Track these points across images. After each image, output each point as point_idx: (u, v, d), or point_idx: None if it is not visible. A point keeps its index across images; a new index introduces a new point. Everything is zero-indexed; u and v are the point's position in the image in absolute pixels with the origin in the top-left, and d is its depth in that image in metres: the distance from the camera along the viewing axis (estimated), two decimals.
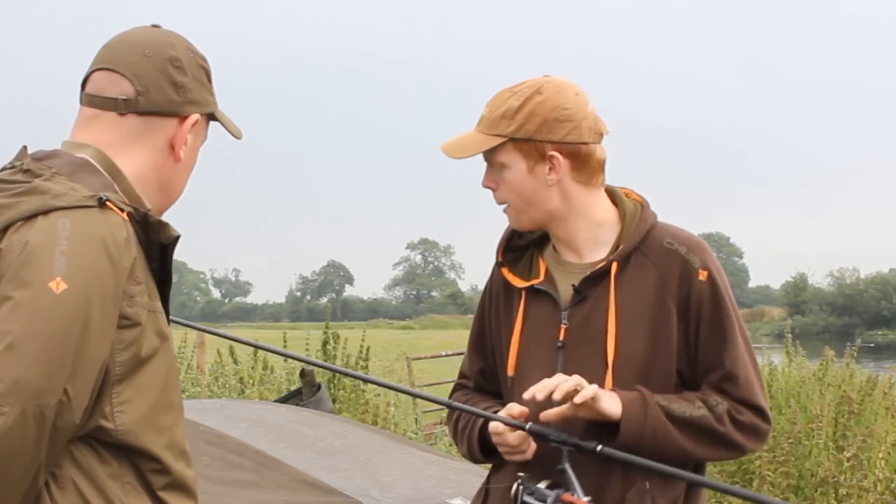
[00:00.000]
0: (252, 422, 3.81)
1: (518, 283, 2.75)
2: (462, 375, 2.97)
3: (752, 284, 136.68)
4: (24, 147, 2.11)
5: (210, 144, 2.35)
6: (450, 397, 2.92)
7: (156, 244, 2.06)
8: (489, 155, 2.66)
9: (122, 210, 2.00)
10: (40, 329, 1.83)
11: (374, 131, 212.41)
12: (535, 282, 2.72)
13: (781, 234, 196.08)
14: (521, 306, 2.73)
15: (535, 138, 2.60)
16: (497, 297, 2.83)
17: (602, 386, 2.57)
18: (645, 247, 2.65)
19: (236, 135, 2.36)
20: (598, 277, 2.64)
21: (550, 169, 2.62)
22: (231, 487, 3.09)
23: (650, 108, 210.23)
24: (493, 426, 2.63)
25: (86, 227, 1.93)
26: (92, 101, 2.15)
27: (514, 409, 2.63)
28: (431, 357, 18.45)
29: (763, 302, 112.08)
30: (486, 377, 2.87)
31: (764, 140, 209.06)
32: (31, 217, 1.92)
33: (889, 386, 10.85)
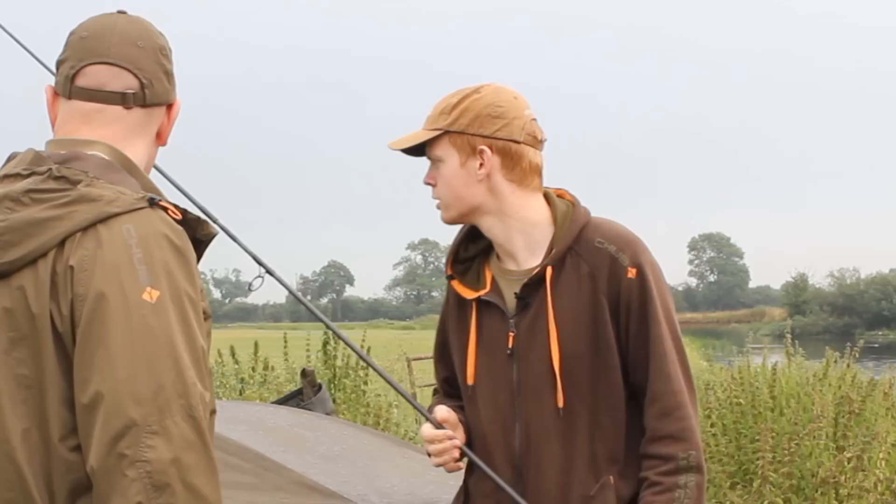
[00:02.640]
0: (252, 424, 3.80)
1: (468, 294, 2.79)
2: (436, 388, 3.06)
3: (752, 285, 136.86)
4: (33, 150, 2.06)
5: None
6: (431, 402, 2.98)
7: (190, 239, 2.05)
8: (428, 150, 2.72)
9: (170, 208, 2.01)
10: (155, 341, 1.84)
11: (372, 133, 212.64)
12: (481, 293, 2.76)
13: (782, 234, 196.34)
14: (473, 317, 2.78)
15: (468, 132, 2.66)
16: (452, 308, 2.88)
17: (554, 392, 2.63)
18: (578, 247, 2.67)
19: None
20: (535, 283, 2.67)
21: (480, 164, 2.67)
22: (230, 490, 3.06)
23: (650, 110, 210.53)
24: (423, 433, 2.75)
25: (148, 228, 1.93)
26: (94, 95, 2.10)
27: (438, 412, 2.75)
28: (432, 357, 18.44)
29: (763, 302, 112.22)
30: (451, 384, 2.93)
31: (765, 142, 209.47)
32: (88, 227, 1.91)
33: (889, 386, 10.85)
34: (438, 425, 2.72)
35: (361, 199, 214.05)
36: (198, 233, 2.08)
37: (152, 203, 1.97)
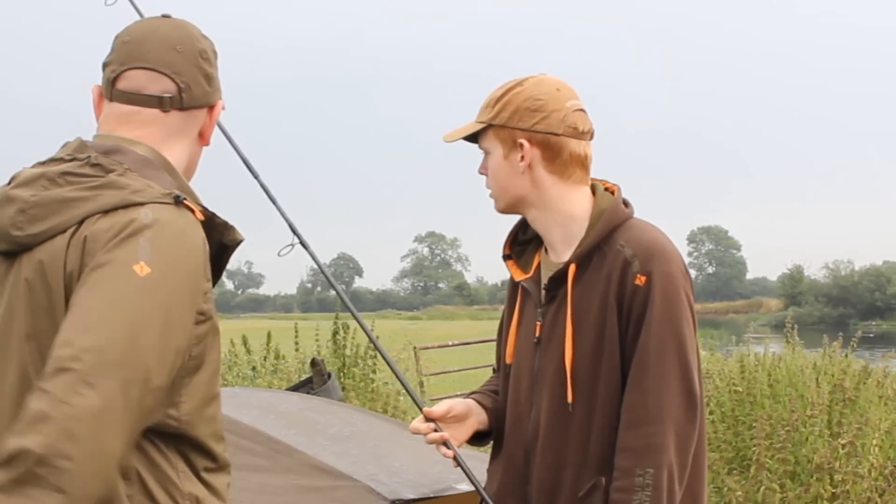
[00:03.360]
0: (264, 409, 3.80)
1: (517, 276, 2.80)
2: None
3: (749, 276, 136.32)
4: (80, 139, 2.09)
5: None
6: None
7: (216, 244, 2.07)
8: (479, 141, 2.73)
9: (195, 209, 2.01)
10: (124, 308, 1.82)
11: (379, 131, 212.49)
12: (524, 277, 2.77)
13: (778, 228, 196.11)
14: (518, 299, 2.80)
15: (508, 125, 2.66)
16: (509, 287, 2.89)
17: (564, 388, 2.60)
18: (606, 247, 2.62)
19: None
20: (561, 278, 2.66)
21: (521, 157, 2.66)
22: (243, 472, 3.08)
23: (651, 110, 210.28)
24: (411, 425, 2.77)
25: (167, 221, 1.93)
26: (132, 98, 2.12)
27: (437, 408, 2.75)
28: (438, 347, 18.41)
29: (761, 293, 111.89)
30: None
31: (762, 139, 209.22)
32: (110, 210, 1.93)
33: (883, 375, 10.84)
34: (427, 420, 2.72)
35: (368, 195, 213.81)
36: (224, 237, 2.09)
37: (177, 201, 1.98)
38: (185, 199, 1.99)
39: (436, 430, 2.71)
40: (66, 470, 1.69)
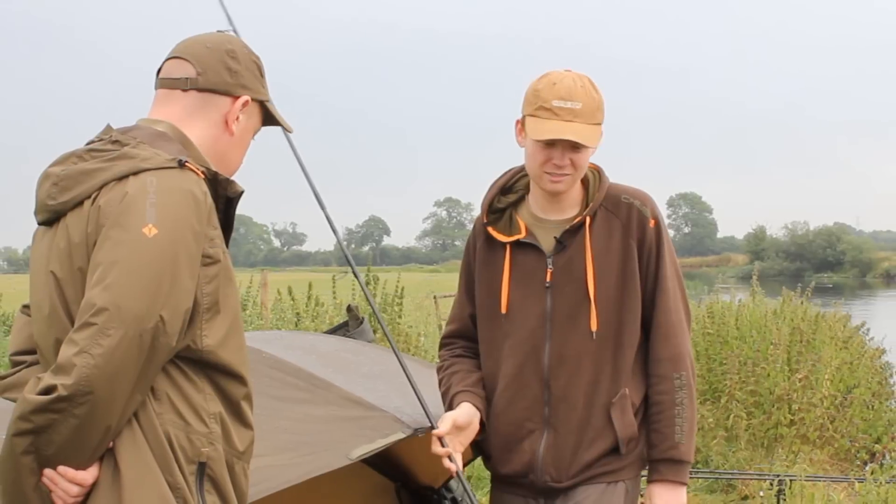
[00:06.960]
0: (306, 349, 3.78)
1: (503, 238, 2.81)
2: (450, 322, 3.02)
3: (720, 235, 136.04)
4: (108, 125, 2.13)
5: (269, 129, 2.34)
6: (440, 349, 3.04)
7: (222, 198, 2.09)
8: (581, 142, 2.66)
9: (196, 170, 2.03)
10: (138, 265, 1.85)
11: (400, 113, 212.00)
12: (518, 237, 2.78)
13: (745, 193, 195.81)
14: (506, 257, 2.79)
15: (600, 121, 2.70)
16: (480, 250, 2.88)
17: (588, 318, 2.69)
18: (608, 203, 2.75)
19: (287, 128, 2.39)
20: (574, 230, 2.73)
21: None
22: (288, 403, 3.08)
23: (636, 96, 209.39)
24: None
25: (169, 183, 1.96)
26: (163, 83, 2.18)
27: (445, 422, 2.76)
28: (454, 295, 18.47)
29: (729, 250, 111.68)
30: (473, 321, 2.93)
31: (733, 120, 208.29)
32: (123, 177, 1.96)
33: (834, 320, 10.84)
34: (441, 441, 2.74)
35: (394, 166, 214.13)
36: (228, 191, 2.11)
37: (180, 164, 2.00)
38: (187, 161, 2.01)
39: (443, 445, 2.73)
40: (85, 403, 1.79)
